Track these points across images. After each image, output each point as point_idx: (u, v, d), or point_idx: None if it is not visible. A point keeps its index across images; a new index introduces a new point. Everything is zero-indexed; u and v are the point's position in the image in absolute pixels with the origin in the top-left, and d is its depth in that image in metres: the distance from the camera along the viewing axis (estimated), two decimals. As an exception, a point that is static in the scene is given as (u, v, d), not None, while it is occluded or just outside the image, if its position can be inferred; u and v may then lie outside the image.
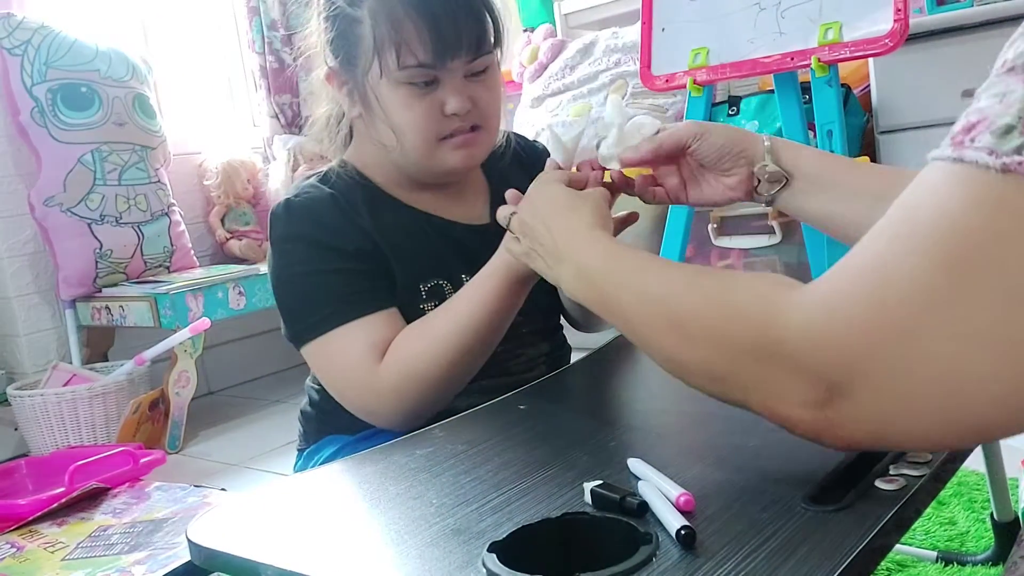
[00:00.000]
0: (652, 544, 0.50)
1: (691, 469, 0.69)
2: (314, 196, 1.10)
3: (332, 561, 0.62)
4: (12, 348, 2.66)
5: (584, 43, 3.12)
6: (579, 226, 0.84)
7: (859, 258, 0.54)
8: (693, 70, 2.16)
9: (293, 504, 0.76)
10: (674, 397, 0.94)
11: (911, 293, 0.50)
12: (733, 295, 0.62)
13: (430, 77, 1.04)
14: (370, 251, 1.07)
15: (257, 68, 3.26)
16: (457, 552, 0.59)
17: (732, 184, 0.96)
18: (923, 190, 0.52)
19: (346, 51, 1.07)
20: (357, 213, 1.09)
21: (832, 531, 0.56)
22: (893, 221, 0.53)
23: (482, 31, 1.06)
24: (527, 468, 0.74)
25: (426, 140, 1.07)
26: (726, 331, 0.61)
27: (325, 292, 1.05)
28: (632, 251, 0.77)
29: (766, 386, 0.58)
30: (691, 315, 0.65)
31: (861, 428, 0.54)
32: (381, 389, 1.00)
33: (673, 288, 0.68)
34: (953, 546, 1.37)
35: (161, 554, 1.69)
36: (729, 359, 0.61)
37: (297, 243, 1.08)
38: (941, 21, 2.43)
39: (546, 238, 0.86)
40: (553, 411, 0.92)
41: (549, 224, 0.86)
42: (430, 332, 1.01)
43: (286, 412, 2.77)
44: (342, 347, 1.03)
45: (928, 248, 0.50)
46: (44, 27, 2.57)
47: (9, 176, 2.60)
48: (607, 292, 0.76)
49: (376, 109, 1.07)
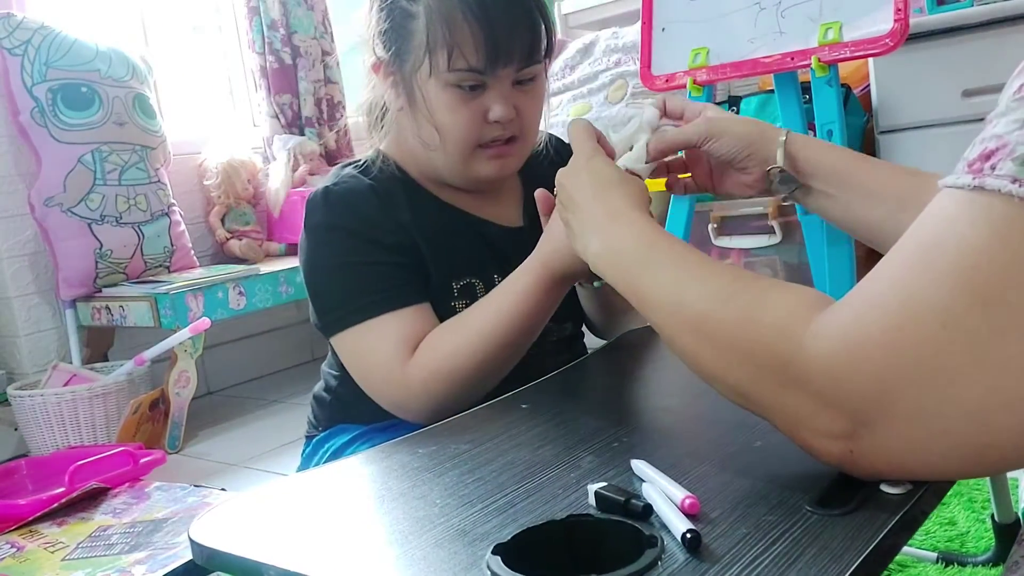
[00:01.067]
0: (657, 547, 0.50)
1: (695, 471, 0.69)
2: (353, 187, 1.09)
3: (336, 562, 0.62)
4: (12, 348, 2.65)
5: (584, 43, 3.12)
6: (619, 203, 0.82)
7: (879, 287, 0.54)
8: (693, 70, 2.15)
9: (296, 503, 0.76)
10: (676, 396, 0.94)
11: (937, 327, 0.49)
12: (761, 316, 0.61)
13: (479, 82, 1.04)
14: (408, 246, 1.07)
15: (257, 68, 3.26)
16: (462, 554, 0.59)
17: (749, 182, 0.96)
18: (941, 220, 0.51)
19: (397, 45, 1.07)
20: (396, 206, 1.09)
21: (838, 535, 0.56)
22: (912, 250, 0.53)
23: (536, 40, 1.06)
24: (530, 469, 0.74)
25: (465, 145, 1.07)
26: (751, 354, 0.60)
27: (361, 284, 1.05)
28: (669, 240, 0.75)
29: (790, 413, 0.58)
30: (718, 328, 0.64)
31: (886, 459, 0.54)
32: (411, 384, 1.00)
33: (704, 293, 0.67)
34: (953, 546, 1.37)
35: (161, 554, 1.69)
36: (753, 380, 0.61)
37: (336, 232, 1.08)
38: (941, 21, 2.44)
39: (583, 209, 0.84)
40: (556, 410, 0.92)
41: (588, 195, 0.85)
42: (463, 329, 1.01)
43: (286, 412, 2.77)
44: (375, 340, 1.03)
45: (953, 281, 0.49)
46: (44, 27, 2.57)
47: (9, 176, 2.60)
48: (634, 277, 0.75)
49: (421, 106, 1.07)
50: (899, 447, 0.53)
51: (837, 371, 0.54)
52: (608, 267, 0.79)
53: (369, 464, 0.81)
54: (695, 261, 0.71)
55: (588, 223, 0.83)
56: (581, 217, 0.84)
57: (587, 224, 0.83)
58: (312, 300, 1.10)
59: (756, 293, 0.64)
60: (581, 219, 0.84)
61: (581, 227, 0.84)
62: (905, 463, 0.54)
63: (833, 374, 0.54)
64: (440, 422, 0.91)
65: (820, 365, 0.55)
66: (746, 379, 0.61)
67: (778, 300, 0.61)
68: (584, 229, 0.83)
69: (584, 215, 0.84)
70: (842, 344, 0.54)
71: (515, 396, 0.98)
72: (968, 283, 0.48)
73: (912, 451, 0.52)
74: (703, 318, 0.65)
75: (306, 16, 3.28)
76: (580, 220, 0.84)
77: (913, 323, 0.50)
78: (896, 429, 0.52)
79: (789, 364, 0.56)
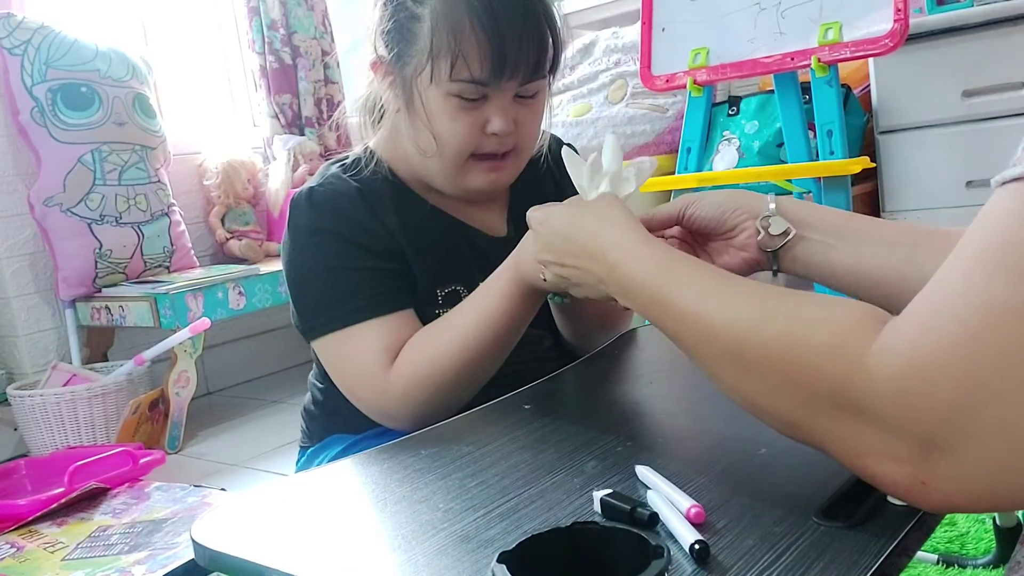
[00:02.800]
0: (664, 558, 0.50)
1: (699, 478, 0.69)
2: (339, 188, 1.08)
3: (339, 567, 0.62)
4: (12, 348, 2.65)
5: (584, 43, 3.13)
6: (611, 235, 0.78)
7: (944, 295, 0.49)
8: (693, 70, 2.16)
9: (298, 505, 0.76)
10: (679, 399, 0.94)
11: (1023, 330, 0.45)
12: (808, 337, 0.56)
13: (480, 93, 1.02)
14: (394, 250, 1.06)
15: (257, 68, 3.25)
16: (466, 560, 0.59)
17: (741, 244, 0.90)
18: (1008, 216, 0.47)
19: (400, 46, 1.04)
20: (383, 209, 1.07)
21: (846, 548, 0.55)
22: (976, 253, 0.48)
23: (543, 54, 1.03)
24: (534, 473, 0.74)
25: (460, 155, 1.05)
26: (800, 379, 0.55)
27: (346, 289, 1.04)
28: (685, 260, 0.71)
29: (847, 440, 0.53)
30: (760, 353, 0.59)
31: (966, 487, 0.49)
32: (391, 391, 1.00)
33: (738, 316, 0.62)
34: (953, 548, 1.37)
35: (161, 554, 1.69)
36: (803, 407, 0.56)
37: (320, 235, 1.06)
38: (941, 21, 2.44)
39: (578, 262, 0.81)
40: (559, 412, 0.92)
41: (573, 247, 0.82)
42: (441, 336, 1.00)
43: (286, 412, 2.77)
44: (357, 346, 1.02)
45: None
46: (44, 27, 2.56)
47: (9, 176, 2.60)
48: (659, 311, 0.70)
49: (419, 112, 1.04)
50: (981, 471, 0.47)
51: (908, 391, 0.48)
52: (634, 306, 0.75)
53: (371, 465, 0.81)
54: (721, 281, 0.67)
55: (592, 274, 0.80)
56: (582, 273, 0.82)
57: (593, 275, 0.80)
58: (294, 303, 1.09)
59: (797, 310, 0.59)
60: (583, 275, 0.82)
61: (590, 280, 0.81)
62: (987, 489, 0.48)
63: (904, 395, 0.49)
64: (441, 422, 0.91)
65: (887, 387, 0.50)
66: (797, 408, 0.56)
67: (826, 317, 0.56)
68: (593, 281, 0.80)
69: (584, 271, 0.81)
70: (910, 360, 0.49)
71: (517, 397, 0.97)
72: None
73: (996, 474, 0.47)
74: (741, 344, 0.60)
75: (306, 16, 3.27)
76: (583, 275, 0.82)
77: (994, 328, 0.46)
78: (978, 451, 0.47)
79: (847, 388, 0.52)
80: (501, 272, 0.99)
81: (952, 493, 0.49)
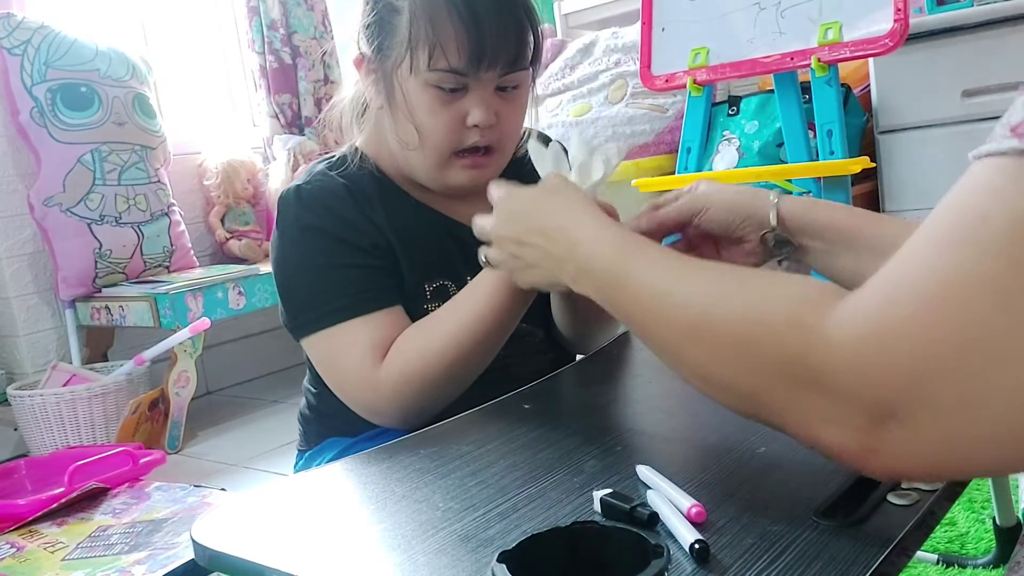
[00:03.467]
0: (664, 557, 0.50)
1: (699, 477, 0.69)
2: (327, 185, 1.08)
3: (339, 567, 0.62)
4: (12, 348, 2.65)
5: (584, 43, 3.12)
6: (573, 216, 0.77)
7: (910, 268, 0.49)
8: (693, 70, 2.16)
9: (298, 505, 0.76)
10: (679, 398, 0.94)
11: (986, 305, 0.45)
12: (768, 309, 0.55)
13: (459, 84, 1.02)
14: (382, 247, 1.06)
15: (257, 68, 3.26)
16: (466, 560, 0.59)
17: (749, 250, 0.92)
18: (981, 191, 0.47)
19: (380, 39, 1.04)
20: (370, 206, 1.07)
21: (845, 547, 0.55)
22: (946, 227, 0.48)
23: (522, 46, 1.03)
24: (533, 472, 0.74)
25: (441, 151, 1.05)
26: (760, 352, 0.55)
27: (334, 286, 1.03)
28: (645, 245, 0.71)
29: (802, 412, 0.53)
30: (720, 329, 0.58)
31: (914, 455, 0.49)
32: (380, 388, 0.99)
33: (697, 292, 0.62)
34: (953, 548, 1.37)
35: (161, 554, 1.69)
36: (761, 380, 0.55)
37: (308, 233, 1.06)
38: (941, 21, 2.44)
39: (536, 242, 0.81)
40: (558, 411, 0.92)
41: (533, 225, 0.81)
42: (431, 332, 1.00)
43: (286, 412, 2.77)
44: (345, 343, 1.02)
45: (1005, 253, 0.45)
46: (44, 27, 2.56)
47: (9, 176, 2.60)
48: (617, 292, 0.70)
49: (400, 104, 1.04)
50: (934, 440, 0.47)
51: (866, 360, 0.48)
52: (590, 290, 0.75)
53: (371, 465, 0.81)
54: (680, 262, 0.67)
55: (551, 255, 0.79)
56: (540, 252, 0.81)
57: (551, 256, 0.79)
58: (283, 301, 1.09)
59: (757, 286, 0.59)
60: (541, 254, 0.81)
61: (546, 262, 0.80)
62: (938, 458, 0.48)
63: (861, 364, 0.48)
64: (440, 422, 0.91)
65: (844, 355, 0.49)
66: (754, 381, 0.56)
67: (784, 291, 0.56)
68: (550, 263, 0.79)
69: (542, 249, 0.80)
70: (871, 329, 0.48)
71: (517, 396, 0.97)
72: (1022, 255, 0.44)
73: (949, 443, 0.47)
74: (699, 320, 0.60)
75: (306, 16, 3.27)
76: (541, 255, 0.81)
77: (957, 301, 0.45)
78: (932, 422, 0.46)
79: (806, 358, 0.52)
80: (489, 270, 0.99)
81: (901, 461, 0.49)
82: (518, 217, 0.85)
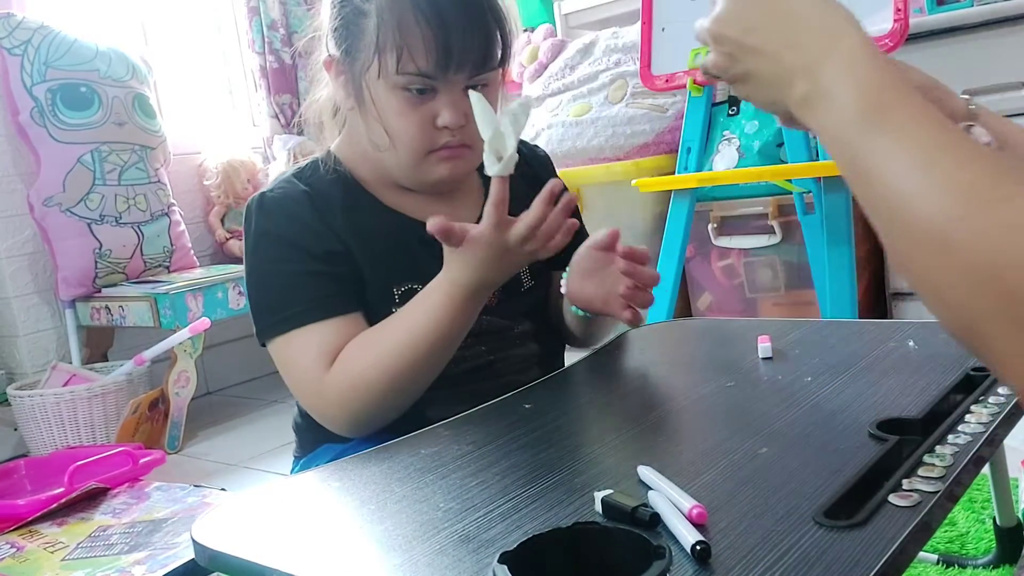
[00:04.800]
0: (665, 559, 0.50)
1: (700, 478, 0.69)
2: (288, 192, 1.08)
3: (339, 567, 0.62)
4: (12, 348, 2.65)
5: (584, 43, 3.12)
6: (848, 37, 0.60)
7: None
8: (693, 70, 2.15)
9: (298, 505, 0.76)
10: (679, 398, 0.94)
11: None
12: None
13: (428, 86, 1.02)
14: (340, 253, 1.06)
15: (257, 68, 3.26)
16: (467, 561, 0.59)
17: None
18: None
19: (348, 42, 1.05)
20: (331, 213, 1.07)
21: (847, 548, 0.55)
22: None
23: (490, 47, 1.04)
24: (534, 472, 0.74)
25: (415, 152, 1.05)
26: (1009, 285, 0.47)
27: (289, 292, 1.04)
28: (909, 98, 0.56)
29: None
30: (967, 246, 0.49)
31: None
32: (328, 396, 1.00)
33: (957, 190, 0.50)
34: (953, 548, 1.37)
35: (161, 554, 1.69)
36: (999, 315, 0.48)
37: (266, 239, 1.07)
38: (941, 21, 2.44)
39: (770, 39, 0.64)
40: (558, 411, 0.92)
41: (776, 15, 0.64)
42: (376, 346, 1.00)
43: (285, 412, 2.76)
44: (298, 350, 1.02)
45: None
46: (44, 27, 2.56)
47: (9, 176, 2.60)
48: (852, 149, 0.56)
49: (370, 107, 1.05)
50: None
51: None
52: (815, 122, 0.61)
53: (371, 465, 0.81)
54: (942, 139, 0.53)
55: (782, 65, 0.63)
56: (768, 59, 0.64)
57: (780, 68, 0.63)
58: (249, 307, 1.10)
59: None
60: (769, 61, 0.64)
61: (771, 73, 0.64)
62: None
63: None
64: (440, 422, 0.91)
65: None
66: (991, 315, 0.48)
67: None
68: (778, 78, 0.63)
69: (771, 55, 0.64)
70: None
71: (517, 396, 0.98)
72: None
73: None
74: (947, 232, 0.50)
75: (306, 16, 3.27)
76: (768, 63, 0.64)
77: None
78: None
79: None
80: (437, 283, 0.99)
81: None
82: (751, 12, 0.66)
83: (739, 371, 0.98)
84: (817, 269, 2.24)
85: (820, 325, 1.15)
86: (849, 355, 0.98)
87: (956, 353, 0.92)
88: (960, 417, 0.75)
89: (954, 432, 0.72)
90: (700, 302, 2.85)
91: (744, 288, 2.73)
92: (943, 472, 0.64)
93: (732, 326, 1.24)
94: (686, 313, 2.84)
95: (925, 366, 0.90)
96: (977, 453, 0.67)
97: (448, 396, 1.04)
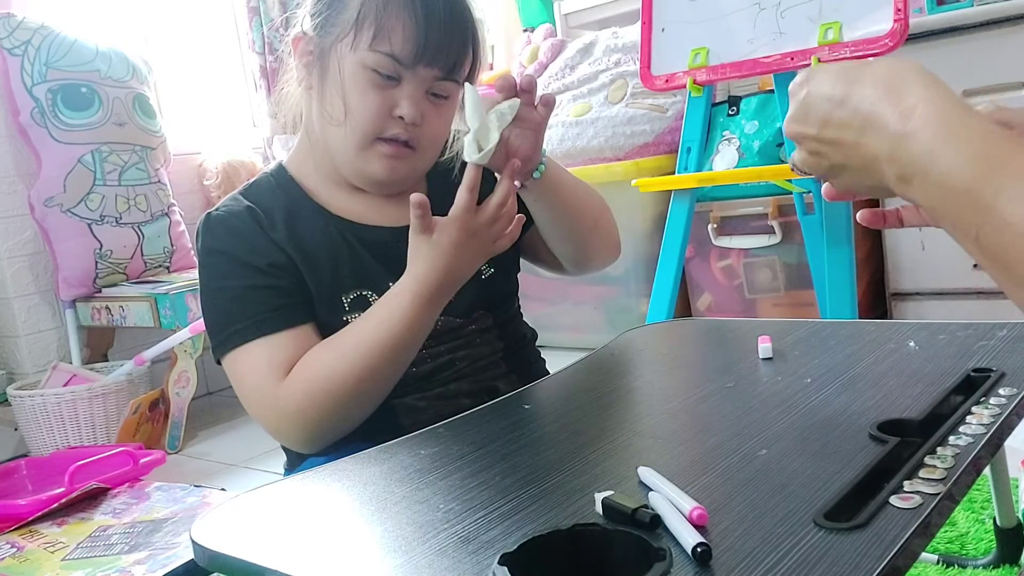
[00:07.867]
0: (666, 561, 0.50)
1: (700, 479, 0.69)
2: (232, 209, 1.09)
3: (339, 568, 0.62)
4: (12, 348, 2.65)
5: (584, 43, 3.12)
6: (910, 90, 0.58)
7: None
8: (693, 70, 2.15)
9: (298, 505, 0.75)
10: (679, 399, 0.94)
11: None
12: None
13: (395, 72, 1.03)
14: (283, 265, 1.06)
15: (257, 68, 3.25)
16: (466, 562, 0.59)
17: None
18: None
19: (327, 15, 1.06)
20: (272, 226, 1.08)
21: (848, 550, 0.55)
22: None
23: (463, 54, 1.05)
24: (534, 474, 0.74)
25: (364, 135, 1.05)
26: None
27: (237, 307, 1.04)
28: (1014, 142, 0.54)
29: None
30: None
31: None
32: (284, 408, 0.99)
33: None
34: (953, 548, 1.37)
35: (161, 554, 1.69)
36: None
37: (212, 256, 1.08)
38: (941, 21, 2.44)
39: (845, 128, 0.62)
40: (558, 412, 0.92)
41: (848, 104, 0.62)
42: (337, 352, 1.00)
43: (286, 412, 2.77)
44: (247, 365, 1.03)
45: None
46: (44, 27, 2.56)
47: (9, 176, 2.60)
48: (1000, 208, 0.53)
49: (334, 78, 1.05)
50: None
51: None
52: (922, 194, 0.58)
53: (371, 465, 0.81)
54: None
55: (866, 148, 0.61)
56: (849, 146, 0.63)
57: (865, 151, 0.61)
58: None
59: None
60: (852, 149, 0.63)
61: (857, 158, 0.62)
62: None
63: None
64: (441, 422, 0.91)
65: None
66: None
67: None
68: (866, 160, 0.61)
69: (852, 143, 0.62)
70: None
71: (517, 396, 0.98)
72: None
73: None
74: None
75: (306, 16, 3.27)
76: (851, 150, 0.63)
77: None
78: None
79: None
80: (401, 287, 0.99)
81: None
82: (820, 105, 0.65)
83: (739, 372, 0.98)
84: (817, 269, 2.24)
85: (820, 326, 1.14)
86: (849, 356, 0.98)
87: (956, 354, 0.92)
88: (961, 418, 0.74)
89: (955, 433, 0.71)
90: (700, 302, 2.86)
91: (744, 288, 2.73)
92: (944, 474, 0.64)
93: (732, 326, 1.24)
94: (686, 313, 2.84)
95: (925, 367, 0.90)
96: (978, 455, 0.67)
97: (418, 401, 1.04)
